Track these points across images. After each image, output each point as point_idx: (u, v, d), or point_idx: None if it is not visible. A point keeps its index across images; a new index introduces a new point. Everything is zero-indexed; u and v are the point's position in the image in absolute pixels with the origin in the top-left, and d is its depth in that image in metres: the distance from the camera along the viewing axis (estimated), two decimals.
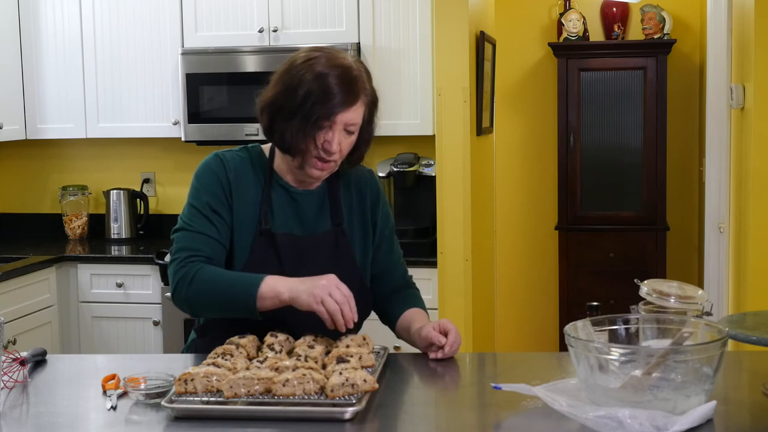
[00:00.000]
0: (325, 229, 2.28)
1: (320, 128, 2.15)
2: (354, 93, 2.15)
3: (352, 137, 2.20)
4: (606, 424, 1.61)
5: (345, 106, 2.14)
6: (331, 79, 2.13)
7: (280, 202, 2.26)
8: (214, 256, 2.19)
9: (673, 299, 2.12)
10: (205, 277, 2.13)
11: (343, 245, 2.28)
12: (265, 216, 2.23)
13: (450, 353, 2.19)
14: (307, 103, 2.13)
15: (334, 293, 2.05)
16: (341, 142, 2.17)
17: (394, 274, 2.41)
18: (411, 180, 4.36)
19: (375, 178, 2.41)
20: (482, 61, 4.23)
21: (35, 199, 5.04)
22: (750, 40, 3.56)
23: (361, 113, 2.18)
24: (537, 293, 5.86)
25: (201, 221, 2.21)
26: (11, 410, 1.89)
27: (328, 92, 2.13)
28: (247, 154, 2.30)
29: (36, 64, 4.62)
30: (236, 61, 4.38)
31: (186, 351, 2.36)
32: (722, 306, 4.11)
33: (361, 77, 2.18)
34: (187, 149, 4.73)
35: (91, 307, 4.35)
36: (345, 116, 2.15)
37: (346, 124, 2.16)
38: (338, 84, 2.13)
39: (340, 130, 2.16)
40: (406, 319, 2.32)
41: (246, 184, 2.25)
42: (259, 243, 2.22)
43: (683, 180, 5.65)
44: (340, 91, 2.13)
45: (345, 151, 2.20)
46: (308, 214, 2.27)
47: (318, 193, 2.29)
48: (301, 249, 2.24)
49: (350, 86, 2.15)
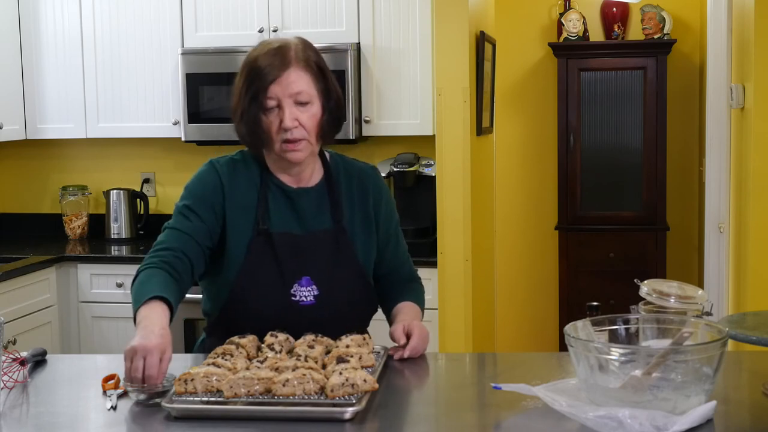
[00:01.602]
0: (324, 227, 2.26)
1: (266, 108, 2.15)
2: (283, 61, 2.15)
3: (311, 108, 2.18)
4: (606, 424, 1.61)
5: (275, 73, 2.14)
6: (259, 59, 2.17)
7: (276, 202, 2.25)
8: (186, 250, 2.17)
9: (673, 299, 2.12)
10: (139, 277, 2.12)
11: (344, 243, 2.27)
12: (262, 217, 2.22)
13: (410, 355, 2.17)
14: (243, 88, 2.17)
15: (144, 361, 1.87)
16: (298, 117, 2.16)
17: (400, 272, 2.42)
18: (411, 180, 4.35)
19: (378, 174, 2.39)
20: (482, 61, 4.23)
21: (35, 199, 5.04)
22: (750, 40, 3.56)
23: (302, 80, 2.16)
24: (537, 293, 5.86)
25: (180, 220, 2.22)
26: (11, 410, 1.89)
27: (258, 69, 2.16)
28: (241, 156, 2.30)
29: (36, 64, 4.62)
30: (236, 61, 4.34)
31: (196, 351, 2.34)
32: (722, 306, 4.11)
33: (290, 47, 2.18)
34: (187, 149, 4.73)
35: (91, 307, 4.35)
36: (282, 86, 2.14)
37: (291, 94, 2.15)
38: (265, 59, 2.16)
39: (289, 104, 2.15)
40: (393, 312, 2.34)
41: (240, 187, 2.24)
42: (256, 243, 2.21)
43: (683, 180, 5.65)
44: (268, 64, 2.15)
45: (309, 124, 2.17)
46: (307, 213, 2.26)
47: (316, 191, 2.28)
48: (300, 248, 2.23)
49: (277, 57, 2.16)
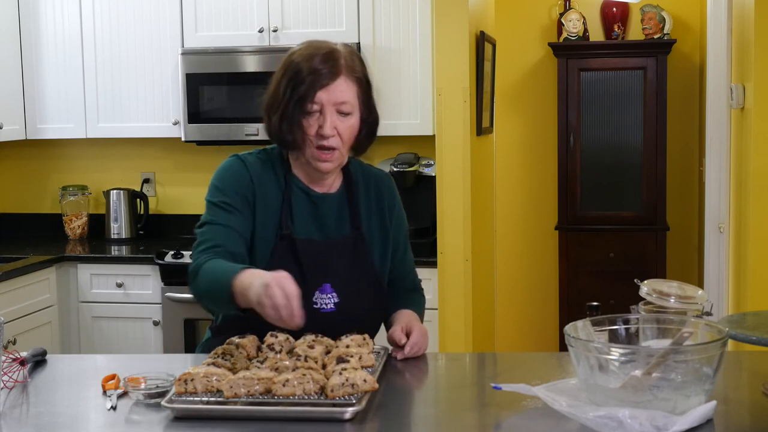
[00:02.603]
0: (344, 234, 2.25)
1: (308, 112, 2.12)
2: (333, 69, 2.12)
3: (350, 119, 2.15)
4: (606, 424, 1.61)
5: (324, 81, 2.11)
6: (309, 61, 2.12)
7: (300, 206, 2.23)
8: (233, 246, 2.14)
9: (673, 299, 2.11)
10: (204, 271, 2.08)
11: (362, 249, 2.26)
12: (285, 221, 2.20)
13: (411, 353, 2.16)
14: (288, 89, 2.12)
15: (275, 293, 1.86)
16: (337, 126, 2.13)
17: (405, 281, 2.41)
18: (411, 180, 4.35)
19: (392, 182, 2.38)
20: (482, 61, 4.23)
21: (35, 199, 5.04)
22: (750, 40, 3.56)
23: (349, 91, 2.14)
24: (537, 293, 5.86)
25: (221, 214, 2.17)
26: (11, 410, 1.89)
27: (307, 72, 2.11)
28: (266, 156, 2.26)
29: (36, 64, 4.62)
30: (236, 61, 4.38)
31: (200, 351, 2.33)
32: (722, 306, 4.11)
33: (341, 55, 2.15)
34: (187, 149, 4.73)
35: (91, 307, 4.35)
36: (329, 94, 2.11)
37: (335, 103, 2.12)
38: (316, 63, 2.12)
39: (331, 112, 2.12)
40: (391, 319, 2.31)
41: (268, 187, 2.21)
42: (279, 248, 2.19)
43: (683, 180, 5.65)
44: (318, 70, 2.11)
45: (345, 135, 2.15)
46: (328, 219, 2.25)
47: (337, 197, 2.27)
48: (321, 254, 2.21)
49: (328, 63, 2.12)
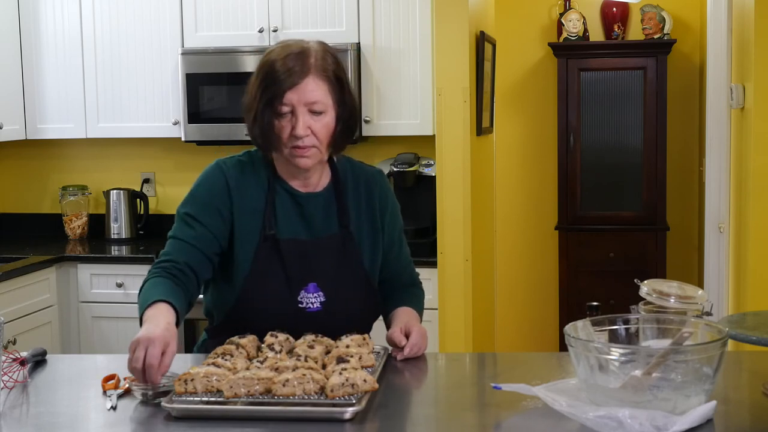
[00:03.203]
0: (331, 233, 2.24)
1: (280, 114, 2.12)
2: (303, 69, 2.12)
3: (324, 118, 2.15)
4: (606, 424, 1.61)
5: (293, 80, 2.11)
6: (279, 61, 2.13)
7: (284, 206, 2.23)
8: (188, 260, 2.16)
9: (673, 299, 2.11)
10: (142, 289, 2.10)
11: (351, 248, 2.25)
12: (269, 222, 2.20)
13: (411, 354, 2.16)
14: (259, 90, 2.13)
15: (139, 355, 1.85)
16: (311, 125, 2.13)
17: (402, 277, 2.40)
18: (411, 180, 4.35)
19: (384, 178, 2.37)
20: (482, 61, 4.23)
21: (35, 199, 5.04)
22: (750, 40, 3.56)
23: (319, 90, 2.13)
24: (537, 293, 5.86)
25: (183, 228, 2.20)
26: (11, 410, 1.89)
27: (276, 72, 2.12)
28: (249, 158, 2.26)
29: (36, 64, 4.62)
30: (236, 61, 4.38)
31: (197, 351, 2.33)
32: (722, 306, 4.11)
33: (311, 54, 2.15)
34: (187, 149, 4.73)
35: (91, 307, 4.35)
36: (299, 94, 2.11)
37: (306, 102, 2.12)
38: (284, 64, 2.12)
39: (303, 112, 2.12)
40: (390, 317, 2.32)
41: (248, 190, 2.21)
42: (263, 249, 2.19)
43: (683, 180, 5.65)
44: (287, 69, 2.11)
45: (321, 134, 2.14)
46: (315, 218, 2.24)
47: (324, 196, 2.26)
48: (307, 254, 2.21)
49: (297, 63, 2.12)
